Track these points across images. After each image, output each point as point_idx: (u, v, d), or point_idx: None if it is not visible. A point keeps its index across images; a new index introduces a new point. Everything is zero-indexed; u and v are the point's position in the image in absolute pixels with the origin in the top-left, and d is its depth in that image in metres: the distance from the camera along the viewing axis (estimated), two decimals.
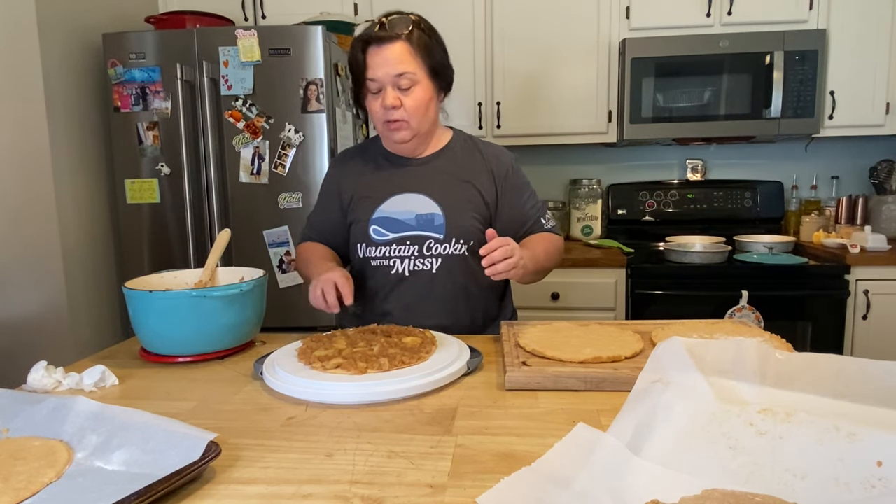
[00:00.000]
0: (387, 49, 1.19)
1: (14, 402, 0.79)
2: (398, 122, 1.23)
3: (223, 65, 2.08)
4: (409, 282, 1.29)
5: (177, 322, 1.04)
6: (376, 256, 1.30)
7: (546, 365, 0.93)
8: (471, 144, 1.37)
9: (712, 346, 0.81)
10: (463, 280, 1.30)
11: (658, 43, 2.41)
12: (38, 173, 1.96)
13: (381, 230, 1.29)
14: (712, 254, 2.29)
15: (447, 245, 1.28)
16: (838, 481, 0.58)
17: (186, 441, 0.65)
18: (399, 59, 1.19)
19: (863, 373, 0.73)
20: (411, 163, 1.34)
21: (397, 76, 1.19)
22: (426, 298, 1.29)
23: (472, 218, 1.29)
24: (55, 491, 0.61)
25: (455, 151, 1.35)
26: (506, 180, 1.34)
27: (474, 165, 1.33)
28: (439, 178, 1.31)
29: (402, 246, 1.28)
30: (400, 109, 1.22)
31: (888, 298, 2.19)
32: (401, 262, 1.28)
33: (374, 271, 1.31)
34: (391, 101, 1.20)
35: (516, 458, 0.68)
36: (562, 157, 2.93)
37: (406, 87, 1.21)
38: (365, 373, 0.89)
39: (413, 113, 1.23)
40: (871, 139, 2.69)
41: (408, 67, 1.20)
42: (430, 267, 1.28)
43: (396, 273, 1.29)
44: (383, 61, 1.19)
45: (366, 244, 1.31)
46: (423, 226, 1.28)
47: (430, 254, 1.28)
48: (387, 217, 1.29)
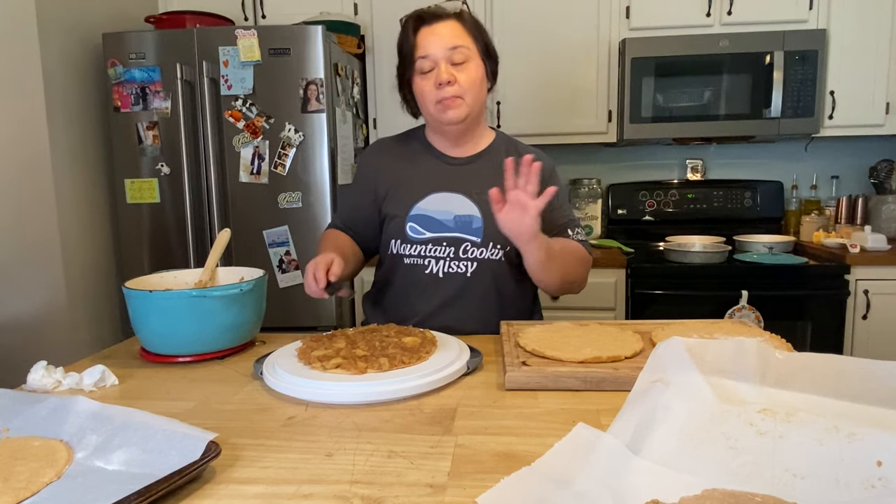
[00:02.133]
0: (440, 25, 1.19)
1: (14, 402, 0.79)
2: (453, 99, 1.20)
3: (223, 65, 2.08)
4: (443, 283, 1.26)
5: (177, 322, 1.04)
6: (411, 254, 1.27)
7: (546, 365, 0.93)
8: (511, 147, 1.34)
9: (712, 346, 0.81)
10: (497, 285, 1.28)
11: (658, 43, 2.41)
12: (38, 173, 1.96)
13: (417, 228, 1.27)
14: (712, 254, 2.29)
15: (484, 249, 1.25)
16: (838, 481, 0.58)
17: (186, 441, 0.65)
18: (453, 34, 1.19)
19: (863, 373, 0.73)
20: (453, 161, 1.31)
21: (451, 49, 1.18)
22: (458, 301, 1.26)
23: None
24: (55, 491, 0.61)
25: (498, 153, 1.31)
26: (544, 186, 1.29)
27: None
28: (480, 180, 1.27)
29: (438, 246, 1.26)
30: (455, 85, 1.19)
31: (888, 298, 2.19)
32: (436, 262, 1.26)
33: (406, 269, 1.28)
34: (446, 76, 1.18)
35: (516, 457, 0.68)
36: (562, 156, 2.93)
37: (460, 61, 1.19)
38: (365, 373, 0.89)
39: (469, 88, 1.20)
40: (871, 139, 2.69)
41: (463, 41, 1.19)
42: (464, 270, 1.26)
43: (430, 273, 1.26)
44: (436, 37, 1.19)
45: (401, 241, 1.28)
46: (461, 228, 1.25)
47: (466, 257, 1.26)
48: (424, 215, 1.27)
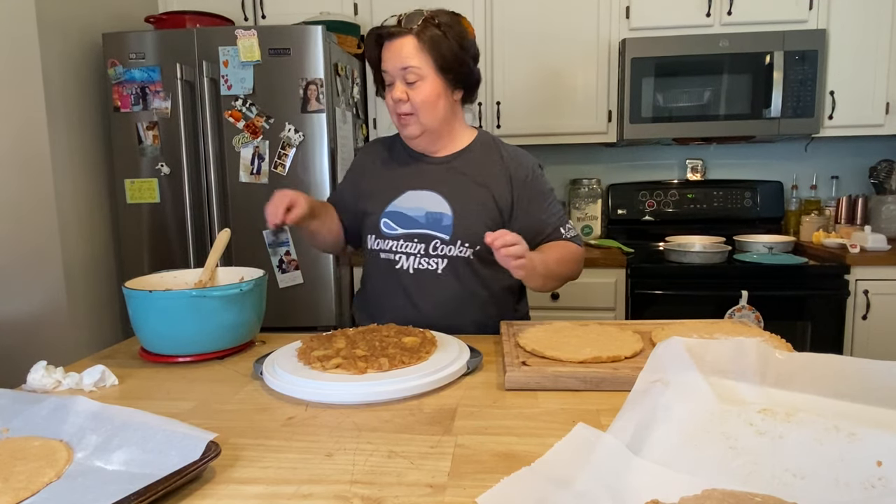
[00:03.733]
0: (395, 43, 1.22)
1: (14, 402, 0.79)
2: (407, 117, 1.25)
3: (223, 65, 2.08)
4: (414, 279, 1.28)
5: (177, 322, 1.04)
6: (384, 249, 1.31)
7: (546, 365, 0.93)
8: (493, 146, 1.35)
9: (712, 346, 0.81)
10: (470, 283, 1.29)
11: (658, 43, 2.41)
12: (38, 173, 1.96)
13: (391, 224, 1.30)
14: (712, 254, 2.29)
15: (452, 247, 1.27)
16: (838, 481, 0.58)
17: (186, 441, 0.65)
18: (405, 54, 1.21)
19: (863, 373, 0.73)
20: (430, 160, 1.34)
21: (403, 69, 1.21)
22: (431, 298, 1.28)
23: (482, 222, 1.26)
24: (55, 491, 0.61)
25: (475, 153, 1.33)
26: (524, 187, 1.31)
27: (492, 168, 1.31)
28: (454, 179, 1.30)
29: (409, 242, 1.28)
30: (407, 103, 1.24)
31: (888, 298, 2.19)
32: (406, 258, 1.29)
33: (381, 264, 1.32)
34: (398, 95, 1.23)
35: (516, 458, 0.68)
36: (562, 157, 2.93)
37: (412, 80, 1.22)
38: (365, 373, 0.89)
39: (419, 107, 1.24)
40: (871, 139, 2.69)
41: (412, 62, 1.21)
42: (435, 267, 1.27)
43: (402, 269, 1.29)
44: (392, 55, 1.22)
45: (375, 236, 1.32)
46: (431, 224, 1.27)
47: (436, 254, 1.27)
48: (398, 212, 1.30)
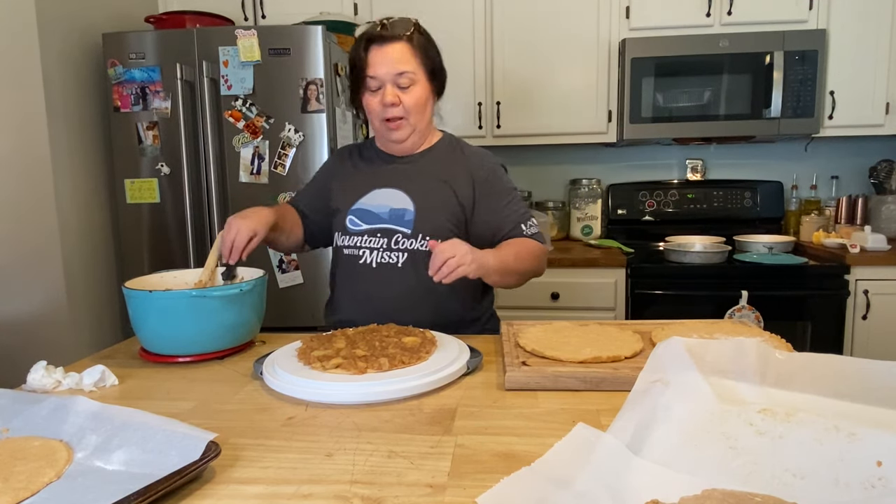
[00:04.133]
0: (389, 48, 1.23)
1: (14, 402, 0.79)
2: (398, 121, 1.27)
3: (223, 65, 2.08)
4: (376, 273, 1.30)
5: (177, 322, 1.04)
6: (349, 245, 1.33)
7: (546, 365, 0.93)
8: (456, 147, 1.39)
9: (712, 346, 0.81)
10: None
11: (658, 43, 2.41)
12: (38, 173, 1.96)
13: (356, 220, 1.33)
14: (712, 254, 2.29)
15: (413, 240, 1.29)
16: (838, 481, 0.58)
17: (186, 441, 0.65)
18: (400, 59, 1.23)
19: (863, 373, 0.73)
20: (395, 160, 1.37)
21: (398, 74, 1.23)
22: (391, 292, 1.30)
23: (444, 218, 1.29)
24: (55, 491, 0.61)
25: (439, 152, 1.38)
26: (485, 184, 1.33)
27: (454, 167, 1.34)
28: (418, 176, 1.34)
29: (372, 238, 1.31)
30: (399, 107, 1.25)
31: (888, 298, 2.20)
32: (370, 252, 1.31)
33: (345, 261, 1.34)
34: (390, 98, 1.24)
35: (516, 458, 0.68)
36: (562, 157, 2.93)
37: (406, 85, 1.24)
38: (365, 373, 0.89)
39: (412, 110, 1.27)
40: (871, 139, 2.69)
41: (408, 66, 1.24)
42: (395, 261, 1.29)
43: (364, 263, 1.31)
44: (385, 59, 1.23)
45: (341, 233, 1.35)
46: (394, 220, 1.30)
47: (398, 248, 1.29)
48: (363, 209, 1.33)
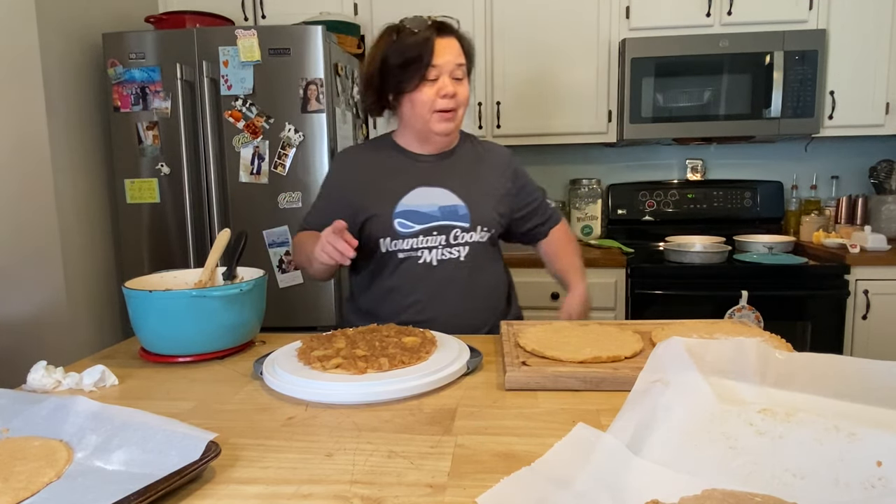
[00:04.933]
0: (449, 40, 1.27)
1: (14, 402, 0.79)
2: (450, 113, 1.28)
3: (223, 65, 2.08)
4: (437, 271, 1.31)
5: (177, 322, 1.04)
6: (403, 249, 1.32)
7: (546, 365, 0.93)
8: (475, 142, 1.45)
9: (712, 346, 0.81)
10: (484, 266, 1.37)
11: (658, 43, 2.41)
12: (38, 173, 1.96)
13: (406, 223, 1.31)
14: (712, 254, 2.29)
15: (472, 233, 1.33)
16: (838, 481, 0.58)
17: (186, 441, 0.65)
18: (459, 51, 1.28)
19: (863, 373, 0.73)
20: (426, 158, 1.37)
21: (457, 65, 1.27)
22: (452, 285, 1.32)
23: (493, 208, 1.36)
24: (55, 491, 0.61)
25: (463, 148, 1.42)
26: (516, 174, 1.44)
27: (485, 159, 1.41)
28: (455, 173, 1.36)
29: (428, 237, 1.31)
30: (454, 98, 1.27)
31: (888, 298, 2.20)
32: (428, 252, 1.31)
33: (400, 264, 1.32)
34: (451, 88, 1.26)
35: (516, 458, 0.68)
36: (562, 157, 2.93)
37: (460, 77, 1.28)
38: (365, 373, 0.89)
39: (464, 103, 1.31)
40: (871, 139, 2.69)
41: (464, 60, 1.29)
42: (457, 255, 1.32)
43: (424, 263, 1.31)
44: (447, 49, 1.26)
45: (391, 238, 1.32)
46: (449, 216, 1.32)
47: (457, 242, 1.32)
48: (410, 210, 1.32)
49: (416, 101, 1.27)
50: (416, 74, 1.25)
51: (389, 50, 1.26)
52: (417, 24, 1.26)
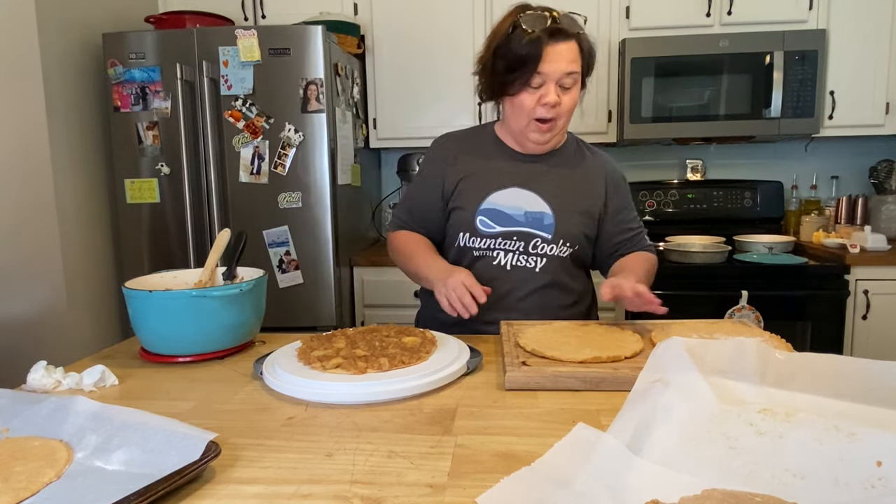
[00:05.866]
0: (563, 46, 1.17)
1: (14, 402, 0.79)
2: (550, 123, 1.22)
3: (223, 65, 2.08)
4: (509, 275, 1.27)
5: (177, 322, 1.04)
6: (480, 248, 1.28)
7: (546, 365, 0.93)
8: (582, 146, 1.37)
9: (712, 346, 0.81)
10: (561, 281, 1.29)
11: (658, 43, 2.41)
12: (38, 173, 1.96)
13: (488, 222, 1.28)
14: (712, 254, 2.29)
15: (554, 246, 1.27)
16: (838, 481, 0.58)
17: (186, 441, 0.65)
18: (572, 58, 1.18)
19: (863, 373, 0.73)
20: (525, 158, 1.31)
21: (567, 74, 1.18)
22: (520, 292, 1.27)
23: (581, 222, 1.29)
24: (55, 491, 0.61)
25: (568, 153, 1.34)
26: (616, 186, 1.35)
27: (587, 167, 1.33)
28: (552, 178, 1.30)
29: (508, 240, 1.27)
30: (557, 108, 1.20)
31: (888, 298, 2.19)
32: (504, 254, 1.27)
33: (473, 261, 1.29)
34: (553, 98, 1.18)
35: (516, 458, 0.68)
36: None
37: (569, 85, 1.20)
38: (365, 373, 0.89)
39: (567, 113, 1.22)
40: (871, 139, 2.69)
41: (577, 67, 1.19)
42: (533, 265, 1.27)
43: (498, 265, 1.27)
44: (558, 57, 1.16)
45: (470, 234, 1.28)
46: (532, 223, 1.27)
47: (536, 252, 1.27)
48: (495, 209, 1.27)
49: (515, 105, 1.22)
50: (520, 79, 1.18)
51: (501, 44, 1.20)
52: (534, 22, 1.16)
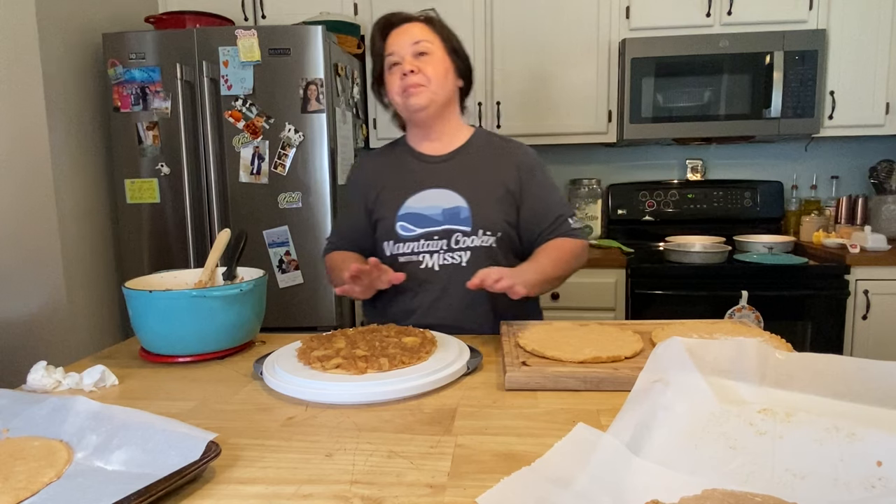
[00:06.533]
0: (406, 26, 1.28)
1: (14, 402, 0.79)
2: (417, 87, 1.26)
3: (223, 65, 2.08)
4: (439, 276, 1.29)
5: (177, 322, 1.04)
6: (405, 253, 1.30)
7: (546, 365, 0.93)
8: (492, 137, 1.40)
9: (712, 346, 0.80)
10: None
11: (658, 43, 2.41)
12: (38, 173, 1.96)
13: (407, 226, 1.30)
14: (712, 254, 2.29)
15: (475, 237, 1.29)
16: (838, 481, 0.58)
17: (186, 441, 0.65)
18: (417, 33, 1.27)
19: (863, 373, 0.73)
20: (434, 159, 1.35)
21: (414, 43, 1.26)
22: (455, 291, 1.28)
23: (498, 210, 1.30)
24: (55, 491, 0.61)
25: (478, 146, 1.37)
26: (529, 172, 1.35)
27: (496, 157, 1.35)
28: (463, 173, 1.32)
29: (429, 241, 1.29)
30: (418, 74, 1.25)
31: (888, 298, 2.19)
32: (430, 256, 1.29)
33: (402, 268, 1.30)
34: (409, 66, 1.25)
35: (516, 458, 0.68)
36: (562, 157, 2.93)
37: (423, 51, 1.26)
38: (365, 373, 0.89)
39: (432, 76, 1.26)
40: (871, 139, 2.69)
41: (425, 37, 1.27)
42: (459, 260, 1.29)
43: (426, 268, 1.29)
44: (401, 36, 1.27)
45: (393, 241, 1.31)
46: (450, 219, 1.29)
47: (459, 247, 1.29)
48: (413, 213, 1.30)
49: (388, 91, 1.31)
50: (378, 66, 1.32)
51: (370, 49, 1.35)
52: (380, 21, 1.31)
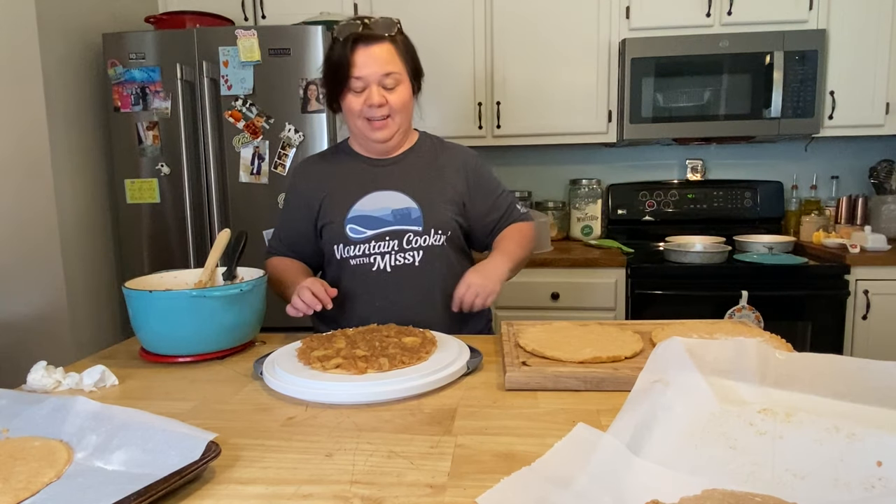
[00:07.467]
0: (375, 48, 1.21)
1: (14, 402, 0.79)
2: (383, 121, 1.25)
3: (223, 65, 2.08)
4: (392, 277, 1.28)
5: (177, 322, 1.04)
6: (355, 255, 1.29)
7: (546, 365, 0.93)
8: (437, 143, 1.41)
9: (712, 346, 0.81)
10: (444, 270, 1.31)
11: (658, 43, 2.41)
12: (38, 173, 1.96)
13: (357, 228, 1.29)
14: (712, 254, 2.29)
15: (427, 237, 1.29)
16: (838, 481, 0.58)
17: (186, 441, 0.65)
18: (387, 59, 1.22)
19: (863, 373, 0.73)
20: (381, 162, 1.35)
21: (385, 75, 1.22)
22: (410, 291, 1.28)
23: (449, 209, 1.31)
24: (55, 491, 0.61)
25: (424, 150, 1.38)
26: (475, 173, 1.37)
27: (442, 160, 1.36)
28: (411, 175, 1.33)
29: (381, 242, 1.28)
30: (385, 107, 1.24)
31: (888, 298, 2.19)
32: (381, 258, 1.28)
33: (354, 271, 1.30)
34: (377, 99, 1.22)
35: (516, 458, 0.68)
36: (562, 157, 2.93)
37: (391, 86, 1.23)
38: (365, 373, 0.89)
39: (398, 110, 1.26)
40: (871, 139, 2.69)
41: (395, 67, 1.23)
42: (412, 260, 1.29)
43: (378, 270, 1.28)
44: (371, 60, 1.20)
45: (343, 244, 1.30)
46: (401, 220, 1.29)
47: (411, 247, 1.28)
48: (362, 215, 1.29)
49: (346, 109, 1.27)
50: (343, 85, 1.23)
51: (326, 57, 1.26)
52: (345, 30, 1.21)
